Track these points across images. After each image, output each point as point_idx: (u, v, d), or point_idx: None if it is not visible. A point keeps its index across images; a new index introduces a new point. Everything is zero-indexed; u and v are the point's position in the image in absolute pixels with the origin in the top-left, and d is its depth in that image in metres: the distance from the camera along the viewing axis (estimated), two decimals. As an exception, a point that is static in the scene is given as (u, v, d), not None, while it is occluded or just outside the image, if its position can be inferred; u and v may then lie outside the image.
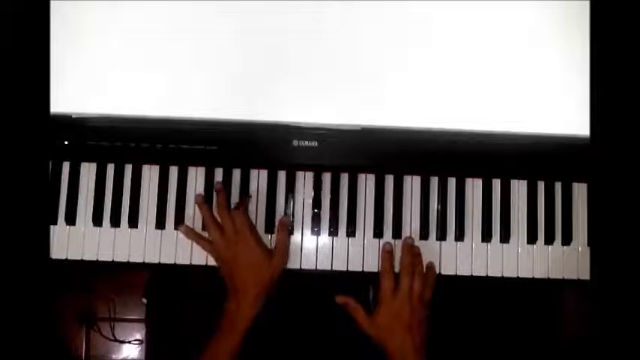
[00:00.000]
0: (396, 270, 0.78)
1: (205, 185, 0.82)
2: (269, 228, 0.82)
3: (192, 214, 0.82)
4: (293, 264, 0.82)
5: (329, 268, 0.81)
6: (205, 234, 0.81)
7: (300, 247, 0.83)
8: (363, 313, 0.78)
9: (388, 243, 0.80)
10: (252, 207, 0.83)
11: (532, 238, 0.83)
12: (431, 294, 0.78)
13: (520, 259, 0.82)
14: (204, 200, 0.80)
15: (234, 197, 0.82)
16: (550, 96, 0.78)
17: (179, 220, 0.82)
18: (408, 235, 0.82)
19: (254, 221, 0.82)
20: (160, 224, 0.82)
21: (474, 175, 0.84)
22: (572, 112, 0.78)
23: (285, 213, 0.82)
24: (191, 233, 0.80)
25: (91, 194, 0.82)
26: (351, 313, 0.78)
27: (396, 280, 0.77)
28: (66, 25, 0.77)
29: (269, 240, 0.82)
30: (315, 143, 0.80)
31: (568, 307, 0.99)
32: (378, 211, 0.82)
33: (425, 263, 0.80)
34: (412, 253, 0.79)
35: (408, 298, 0.76)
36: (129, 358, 1.36)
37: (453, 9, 0.78)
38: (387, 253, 0.78)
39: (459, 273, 0.82)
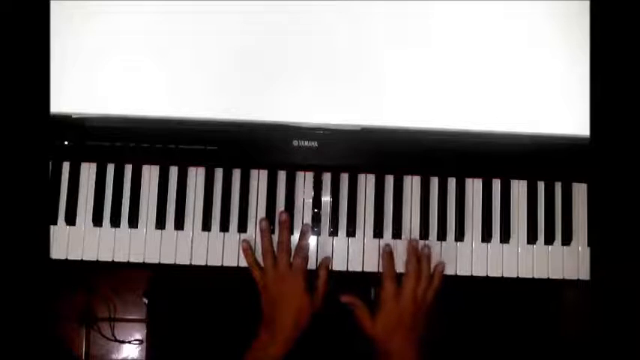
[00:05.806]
0: (399, 269, 0.78)
1: (205, 185, 0.82)
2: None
3: (192, 214, 0.82)
4: (293, 264, 0.82)
5: (329, 268, 0.81)
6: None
7: (300, 247, 0.82)
8: (368, 314, 0.78)
9: (388, 245, 0.79)
10: (252, 207, 0.83)
11: (532, 238, 0.82)
12: (434, 295, 0.78)
13: (520, 259, 0.82)
14: (270, 228, 0.80)
15: (235, 197, 0.82)
16: (550, 96, 0.78)
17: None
18: (408, 235, 0.82)
19: (253, 222, 0.82)
20: (160, 224, 0.82)
21: (474, 175, 0.83)
22: (572, 112, 0.78)
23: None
24: (249, 253, 0.80)
25: (91, 194, 0.82)
26: (356, 312, 0.78)
27: (398, 282, 0.77)
28: (66, 24, 0.77)
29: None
30: (315, 143, 0.80)
31: (568, 307, 0.99)
32: (378, 211, 0.82)
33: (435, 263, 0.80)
34: (418, 255, 0.78)
35: (411, 301, 0.76)
36: (129, 358, 1.36)
37: (453, 9, 0.78)
38: (388, 254, 0.78)
39: (459, 273, 0.82)
